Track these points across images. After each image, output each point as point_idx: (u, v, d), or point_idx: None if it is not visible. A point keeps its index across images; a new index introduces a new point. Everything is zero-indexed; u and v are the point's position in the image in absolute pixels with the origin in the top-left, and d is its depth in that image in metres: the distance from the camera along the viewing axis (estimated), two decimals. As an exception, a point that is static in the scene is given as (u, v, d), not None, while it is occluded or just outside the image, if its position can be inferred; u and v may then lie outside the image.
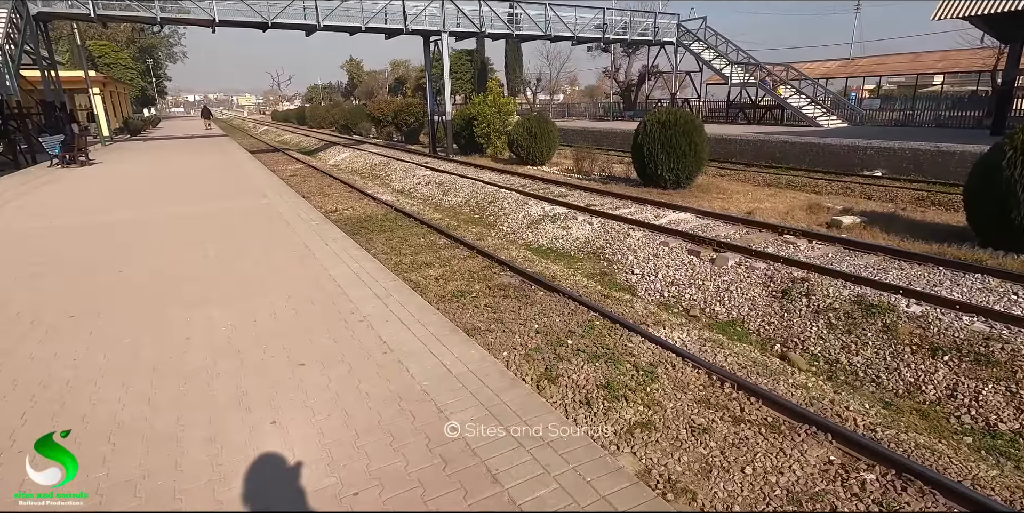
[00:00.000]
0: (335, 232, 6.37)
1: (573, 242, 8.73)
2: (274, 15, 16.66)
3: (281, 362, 3.08)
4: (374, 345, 3.23)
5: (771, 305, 5.99)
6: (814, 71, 28.44)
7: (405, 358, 3.05)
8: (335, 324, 3.54)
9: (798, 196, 11.59)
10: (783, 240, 7.73)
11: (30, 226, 7.06)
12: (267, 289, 4.32)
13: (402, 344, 3.23)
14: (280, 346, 3.23)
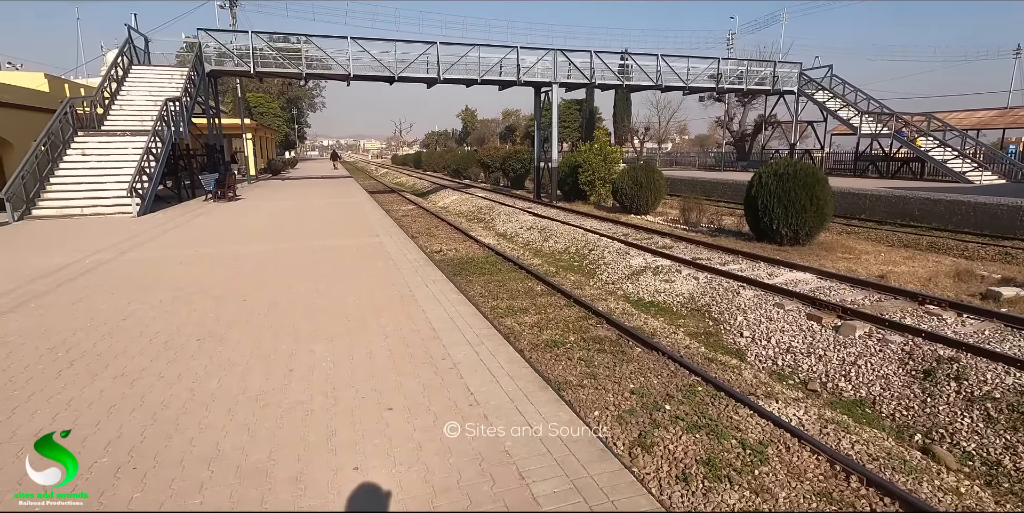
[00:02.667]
0: (436, 274, 6.54)
1: (676, 297, 8.30)
2: (400, 70, 18.23)
3: (371, 404, 3.10)
4: (461, 396, 3.17)
5: (910, 386, 5.21)
6: (962, 121, 25.81)
7: (491, 413, 2.94)
8: (426, 369, 3.54)
9: (942, 260, 10.27)
10: (924, 311, 6.80)
11: (181, 253, 7.99)
12: (367, 327, 4.46)
13: (489, 397, 3.14)
14: (371, 387, 3.27)
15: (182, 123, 15.08)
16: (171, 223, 11.04)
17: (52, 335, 4.38)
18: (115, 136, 13.79)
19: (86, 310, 5.07)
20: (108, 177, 12.54)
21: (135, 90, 16.09)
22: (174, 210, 13.20)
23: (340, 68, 18.24)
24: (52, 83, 18.87)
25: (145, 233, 9.79)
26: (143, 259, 7.43)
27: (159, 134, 13.54)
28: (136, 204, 11.84)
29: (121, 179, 12.19)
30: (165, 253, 7.88)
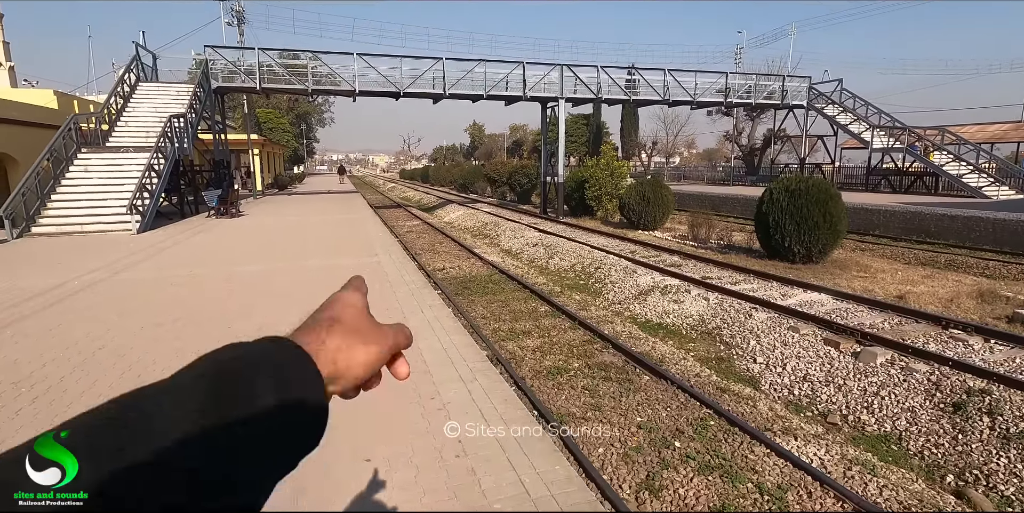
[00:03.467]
0: (433, 298, 6.27)
1: (685, 319, 7.97)
2: (406, 85, 18.20)
3: (347, 453, 2.81)
4: (448, 443, 2.87)
5: (938, 421, 4.84)
6: (975, 135, 25.41)
7: (479, 466, 2.65)
8: (412, 411, 3.25)
9: (963, 280, 9.87)
10: (949, 335, 6.44)
11: (175, 273, 7.78)
12: (355, 359, 4.18)
13: (479, 446, 2.84)
14: (350, 432, 2.98)
15: (186, 139, 15.05)
16: (170, 241, 10.88)
17: (21, 367, 4.14)
18: (118, 153, 13.75)
19: (62, 338, 4.84)
20: (109, 194, 12.46)
21: (141, 106, 16.13)
22: (175, 227, 13.07)
23: (346, 84, 18.24)
24: (61, 100, 18.99)
25: (142, 252, 9.62)
26: (135, 280, 7.22)
27: (162, 150, 13.49)
28: (136, 221, 11.71)
29: (122, 196, 12.09)
30: (158, 273, 7.68)
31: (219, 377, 0.40)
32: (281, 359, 0.43)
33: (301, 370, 0.43)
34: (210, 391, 0.38)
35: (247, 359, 0.41)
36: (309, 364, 0.44)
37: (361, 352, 0.49)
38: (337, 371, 0.47)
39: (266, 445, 0.39)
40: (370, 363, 0.50)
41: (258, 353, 0.42)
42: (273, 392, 0.40)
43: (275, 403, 0.40)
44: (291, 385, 0.41)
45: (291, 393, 0.41)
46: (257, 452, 0.38)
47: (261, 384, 0.40)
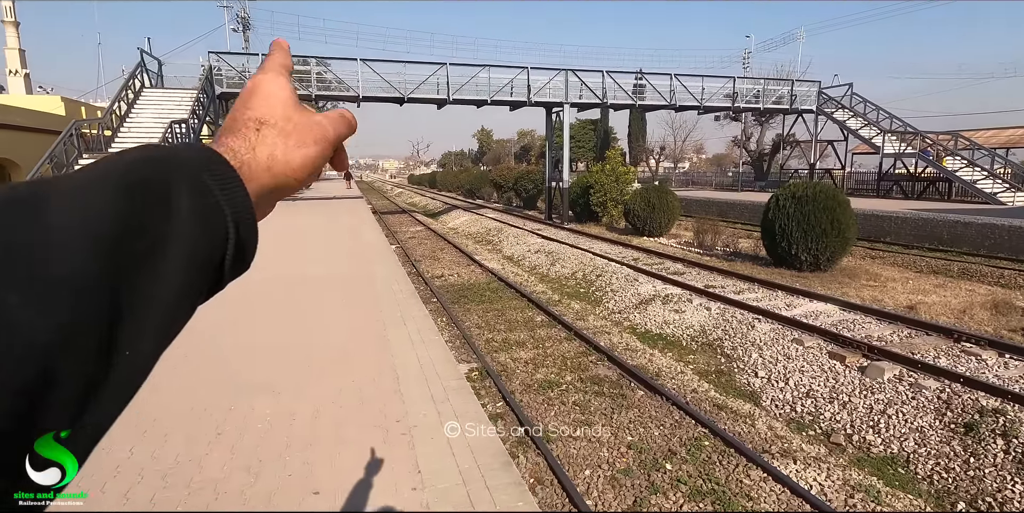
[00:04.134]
0: (418, 309, 6.07)
1: (686, 330, 7.71)
2: (410, 91, 18.12)
3: (296, 484, 2.61)
4: (406, 474, 2.66)
5: (949, 443, 4.56)
6: (990, 140, 24.90)
7: (435, 501, 2.43)
8: (374, 435, 3.03)
9: (976, 289, 9.52)
10: (961, 349, 6.14)
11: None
12: (324, 377, 3.98)
13: (439, 477, 2.62)
14: (304, 460, 2.77)
15: (188, 145, 15.02)
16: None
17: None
18: (119, 158, 13.71)
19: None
20: (109, 200, 12.37)
21: (145, 112, 16.16)
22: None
23: (350, 90, 18.19)
24: (68, 106, 19.13)
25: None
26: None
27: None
28: (133, 227, 11.62)
29: (121, 202, 11.99)
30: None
31: (129, 172, 0.34)
32: (202, 164, 0.37)
33: (225, 181, 0.38)
34: (120, 186, 0.32)
35: (163, 160, 0.36)
36: (233, 175, 0.39)
37: (298, 156, 0.44)
38: (273, 180, 0.43)
39: (185, 253, 0.34)
40: (309, 165, 0.45)
41: (175, 156, 0.37)
42: (192, 198, 0.35)
43: (193, 209, 0.35)
44: (214, 195, 0.36)
45: (214, 203, 0.36)
46: (175, 260, 0.33)
47: (179, 185, 0.35)
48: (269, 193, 0.44)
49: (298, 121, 0.46)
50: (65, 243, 0.29)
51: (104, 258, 0.30)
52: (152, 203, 0.33)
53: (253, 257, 0.41)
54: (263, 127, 0.44)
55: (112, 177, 0.33)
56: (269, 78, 0.47)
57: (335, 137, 0.48)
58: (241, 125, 0.44)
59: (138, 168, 0.35)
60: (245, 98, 0.46)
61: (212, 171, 0.38)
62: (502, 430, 4.76)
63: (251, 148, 0.43)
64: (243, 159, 0.42)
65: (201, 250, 0.36)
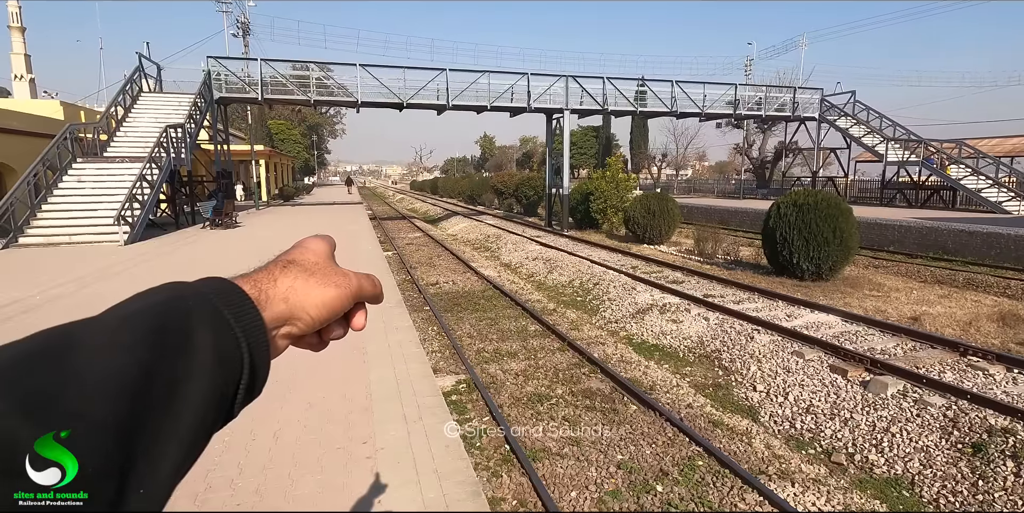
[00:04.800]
0: (403, 319, 5.88)
1: (683, 340, 7.50)
2: (409, 97, 18.02)
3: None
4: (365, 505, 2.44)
5: (956, 464, 4.33)
6: (994, 148, 24.68)
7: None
8: (335, 461, 2.81)
9: (983, 300, 9.29)
10: (967, 363, 5.92)
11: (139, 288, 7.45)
12: (293, 392, 3.76)
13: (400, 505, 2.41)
14: (253, 489, 2.56)
15: (184, 149, 14.93)
16: (154, 252, 10.62)
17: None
18: (113, 162, 13.63)
19: None
20: (100, 204, 12.28)
21: (142, 117, 16.09)
22: (167, 238, 12.85)
23: (348, 95, 18.12)
24: (67, 110, 19.09)
25: (121, 264, 9.36)
26: (99, 294, 6.89)
27: (155, 160, 13.33)
28: (124, 232, 11.49)
29: (112, 206, 11.90)
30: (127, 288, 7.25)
31: (152, 316, 0.36)
32: (220, 298, 0.39)
33: (241, 309, 0.40)
34: (141, 331, 0.35)
35: (182, 299, 0.38)
36: (248, 303, 0.41)
37: (317, 292, 0.46)
38: (290, 310, 0.44)
39: (202, 390, 0.35)
40: (327, 305, 0.47)
41: (195, 293, 0.39)
42: (211, 334, 0.37)
43: (212, 345, 0.37)
44: (230, 327, 0.38)
45: (230, 335, 0.38)
46: (193, 397, 0.35)
47: (198, 324, 0.37)
48: (286, 324, 0.44)
49: (325, 266, 0.48)
50: (92, 390, 0.30)
51: (126, 403, 0.31)
52: (173, 347, 0.35)
53: (264, 385, 0.42)
54: (290, 265, 0.47)
55: (136, 321, 0.35)
56: (315, 239, 0.52)
57: (357, 288, 0.49)
58: (272, 264, 0.47)
59: (161, 310, 0.36)
60: (287, 250, 0.50)
61: (230, 303, 0.40)
62: (487, 446, 4.56)
63: (273, 279, 0.45)
64: (262, 288, 0.44)
65: (218, 383, 0.37)
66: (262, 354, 0.40)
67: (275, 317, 0.43)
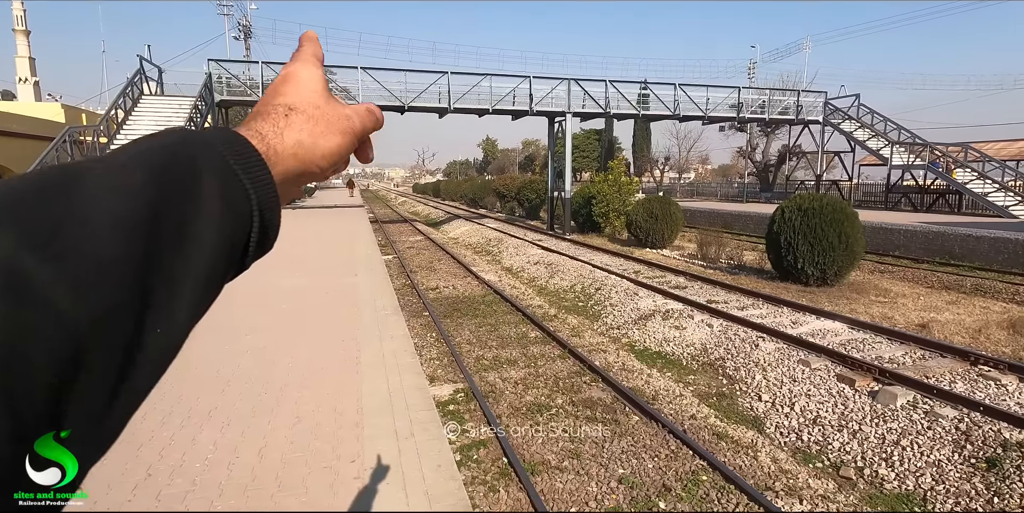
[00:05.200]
0: (398, 328, 5.75)
1: (686, 348, 7.36)
2: (411, 100, 17.94)
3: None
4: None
5: (969, 479, 4.18)
6: (1000, 152, 24.49)
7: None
8: (321, 481, 2.68)
9: (991, 306, 9.12)
10: (978, 373, 5.76)
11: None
12: (283, 405, 3.64)
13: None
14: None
15: (184, 153, 14.85)
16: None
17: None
18: (113, 166, 13.52)
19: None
20: (100, 207, 12.15)
21: (143, 119, 16.03)
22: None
23: (350, 98, 18.05)
24: (69, 113, 19.08)
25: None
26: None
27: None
28: (122, 236, 11.37)
29: (111, 210, 11.77)
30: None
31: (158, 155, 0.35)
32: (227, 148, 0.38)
33: (249, 163, 0.39)
34: (148, 171, 0.33)
35: (188, 144, 0.37)
36: (257, 158, 0.40)
37: (324, 142, 0.45)
38: (301, 165, 0.44)
39: (211, 234, 0.35)
40: (335, 152, 0.47)
41: (201, 141, 0.37)
42: (218, 182, 0.36)
43: (219, 193, 0.36)
44: (238, 177, 0.37)
45: (239, 185, 0.37)
46: (203, 241, 0.34)
47: (205, 170, 0.36)
48: (294, 178, 0.44)
49: (326, 110, 0.46)
50: (100, 226, 0.29)
51: (136, 242, 0.30)
52: (181, 187, 0.34)
53: (275, 239, 0.41)
54: (292, 113, 0.45)
55: (143, 161, 0.34)
56: (301, 67, 0.48)
57: (361, 129, 0.49)
58: (271, 110, 0.45)
59: (168, 152, 0.35)
60: (277, 85, 0.47)
61: (238, 155, 0.38)
62: (484, 459, 4.43)
63: (279, 133, 0.43)
64: (270, 143, 0.42)
65: (227, 233, 0.36)
66: (272, 210, 0.39)
67: (286, 172, 0.43)
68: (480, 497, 3.82)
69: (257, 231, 0.38)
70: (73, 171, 0.31)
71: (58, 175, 0.30)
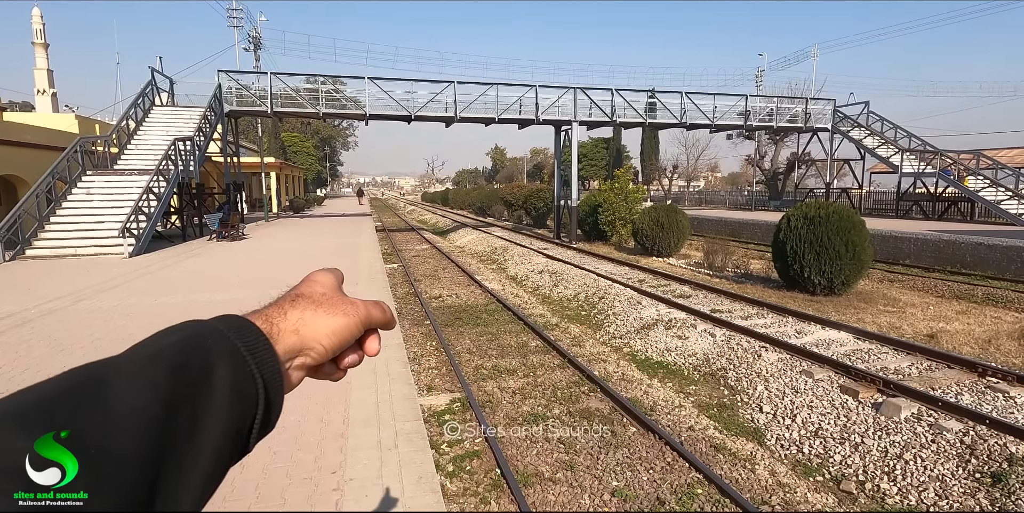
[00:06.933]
0: (393, 337, 5.73)
1: (688, 358, 7.28)
2: (417, 109, 18.08)
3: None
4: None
5: (974, 495, 4.06)
6: (1014, 159, 24.16)
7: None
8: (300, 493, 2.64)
9: (1003, 317, 8.94)
10: (986, 385, 5.63)
11: (141, 301, 7.38)
12: (275, 412, 3.62)
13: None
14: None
15: (192, 162, 15.05)
16: (157, 265, 10.61)
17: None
18: (123, 175, 13.76)
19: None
20: (107, 217, 12.35)
21: (153, 130, 16.28)
22: (171, 250, 12.86)
23: (357, 107, 18.23)
24: (82, 124, 19.41)
25: (122, 277, 9.34)
26: (91, 309, 6.80)
27: (163, 173, 13.44)
28: (129, 245, 11.53)
29: (118, 219, 11.96)
30: (122, 302, 7.25)
31: (175, 353, 0.38)
32: (237, 334, 0.41)
33: (256, 345, 0.42)
34: (166, 369, 0.37)
35: (202, 337, 0.40)
36: (263, 338, 0.43)
37: (326, 321, 0.48)
38: (301, 341, 0.46)
39: (220, 425, 0.37)
40: (337, 333, 0.48)
41: (214, 331, 0.41)
42: (229, 371, 0.39)
43: (231, 382, 0.38)
44: (247, 363, 0.40)
45: (247, 371, 0.40)
46: (212, 433, 0.37)
47: (218, 362, 0.39)
48: (299, 356, 0.46)
49: (332, 297, 0.50)
50: (120, 424, 0.32)
51: (151, 437, 0.33)
52: (195, 384, 0.37)
53: (278, 419, 0.42)
54: (299, 298, 0.48)
55: (160, 359, 0.37)
56: (320, 272, 0.53)
57: (365, 316, 0.50)
58: (282, 299, 0.49)
59: (186, 346, 0.38)
60: (296, 285, 0.51)
61: (246, 340, 0.41)
62: (477, 470, 4.38)
63: (283, 313, 0.46)
64: (274, 321, 0.45)
65: (235, 420, 0.38)
66: (276, 388, 0.41)
67: (288, 349, 0.44)
68: (471, 509, 3.77)
69: (262, 412, 0.40)
70: (98, 372, 0.34)
71: (84, 377, 0.34)
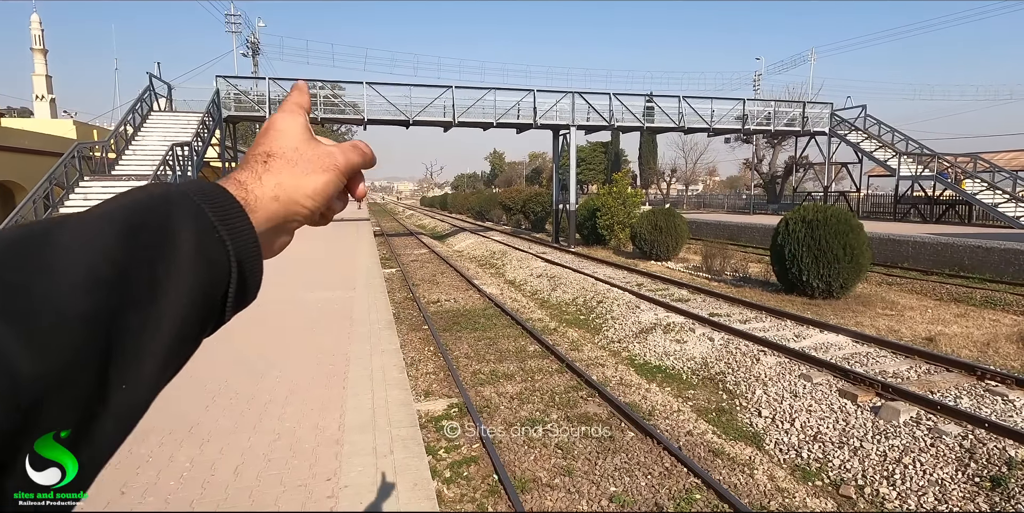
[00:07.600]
0: (391, 341, 5.72)
1: (687, 362, 7.26)
2: (415, 114, 18.11)
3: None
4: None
5: (973, 499, 4.05)
6: (1011, 162, 24.22)
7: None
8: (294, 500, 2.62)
9: (1001, 319, 8.94)
10: (985, 388, 5.63)
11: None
12: (265, 420, 3.61)
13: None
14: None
15: (190, 167, 15.06)
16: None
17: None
18: (120, 181, 13.73)
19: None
20: (106, 222, 12.29)
21: (151, 135, 16.27)
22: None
23: (355, 112, 18.26)
24: (80, 129, 19.42)
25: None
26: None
27: (159, 178, 13.43)
28: (127, 250, 11.47)
29: (117, 224, 11.89)
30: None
31: (131, 213, 0.35)
32: (204, 199, 0.38)
33: (227, 212, 0.38)
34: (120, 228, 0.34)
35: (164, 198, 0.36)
36: (235, 205, 0.40)
37: (306, 182, 0.45)
38: (284, 207, 0.43)
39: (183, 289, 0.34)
40: (320, 192, 0.45)
41: (178, 193, 0.37)
42: (194, 235, 0.36)
43: (195, 246, 0.35)
44: (215, 228, 0.37)
45: (215, 237, 0.37)
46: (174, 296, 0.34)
47: (180, 223, 0.35)
48: (281, 223, 0.43)
49: (305, 151, 0.46)
50: (64, 284, 0.29)
51: (102, 298, 0.30)
52: (152, 244, 0.34)
53: (257, 290, 0.40)
54: (271, 159, 0.45)
55: (115, 219, 0.34)
56: (282, 116, 0.48)
57: (346, 165, 0.48)
58: (251, 159, 0.45)
59: (145, 207, 0.35)
60: (259, 137, 0.47)
61: (215, 204, 0.38)
62: (474, 476, 4.36)
63: (257, 178, 0.43)
64: (249, 189, 0.42)
65: (202, 286, 0.35)
66: (252, 258, 0.39)
67: (269, 217, 0.42)
68: (467, 515, 3.75)
69: (236, 282, 0.37)
70: (43, 231, 0.31)
71: (29, 233, 0.31)
